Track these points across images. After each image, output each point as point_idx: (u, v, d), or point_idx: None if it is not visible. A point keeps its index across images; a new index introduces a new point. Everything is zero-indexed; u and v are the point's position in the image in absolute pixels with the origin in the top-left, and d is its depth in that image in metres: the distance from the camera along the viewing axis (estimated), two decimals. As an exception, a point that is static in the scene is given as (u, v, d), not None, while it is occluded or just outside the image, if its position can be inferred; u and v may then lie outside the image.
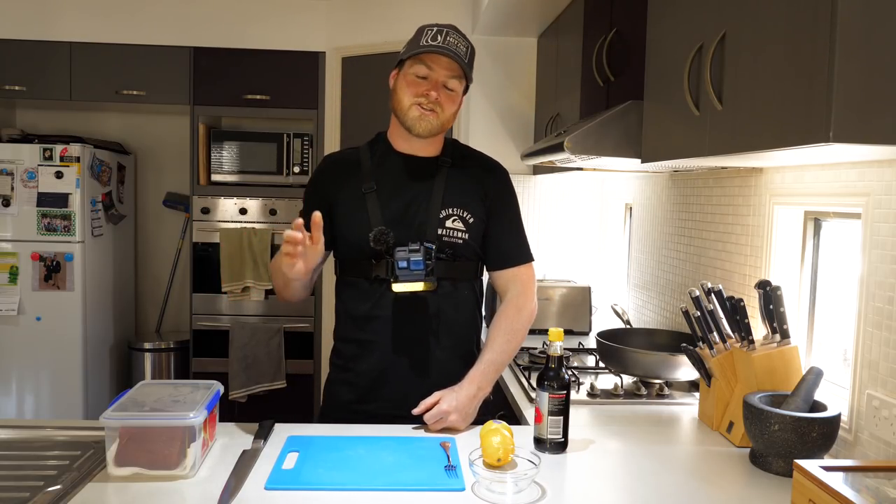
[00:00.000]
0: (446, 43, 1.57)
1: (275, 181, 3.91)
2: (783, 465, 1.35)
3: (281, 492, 1.22)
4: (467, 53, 1.62)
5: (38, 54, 3.73)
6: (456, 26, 1.63)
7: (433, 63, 1.59)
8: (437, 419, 1.52)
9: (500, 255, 1.70)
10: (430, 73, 1.59)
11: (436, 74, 1.59)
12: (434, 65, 1.59)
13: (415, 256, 1.55)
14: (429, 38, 1.58)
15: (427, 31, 1.60)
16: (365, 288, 1.63)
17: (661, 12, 1.73)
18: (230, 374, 3.72)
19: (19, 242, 3.57)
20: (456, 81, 1.61)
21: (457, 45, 1.59)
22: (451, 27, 1.62)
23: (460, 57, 1.58)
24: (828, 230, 1.74)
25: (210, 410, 1.35)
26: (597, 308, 3.01)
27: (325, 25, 3.82)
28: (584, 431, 1.62)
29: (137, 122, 4.26)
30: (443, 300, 1.63)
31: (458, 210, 1.64)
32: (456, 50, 1.58)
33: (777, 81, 1.18)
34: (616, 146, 1.87)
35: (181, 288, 4.23)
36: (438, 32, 1.59)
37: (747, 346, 1.57)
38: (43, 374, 3.62)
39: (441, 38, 1.58)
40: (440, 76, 1.59)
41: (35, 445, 1.43)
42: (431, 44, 1.57)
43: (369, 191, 1.63)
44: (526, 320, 1.69)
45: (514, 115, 3.42)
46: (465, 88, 1.66)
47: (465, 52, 1.60)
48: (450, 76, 1.60)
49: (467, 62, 1.61)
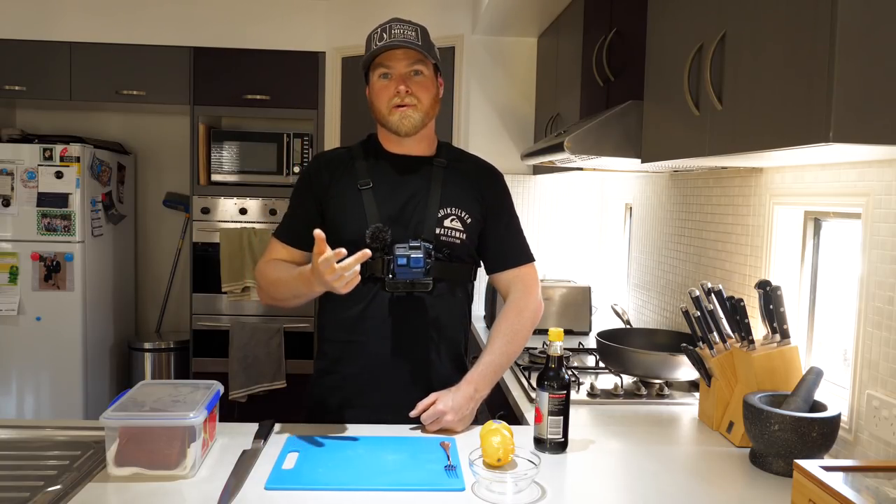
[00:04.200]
0: (392, 37, 1.57)
1: (275, 181, 3.91)
2: (783, 465, 1.35)
3: (281, 492, 1.22)
4: (418, 36, 1.59)
5: (38, 54, 3.73)
6: (399, 17, 1.63)
7: (389, 61, 1.59)
8: (433, 419, 1.51)
9: (501, 257, 1.70)
10: (390, 70, 1.59)
11: (396, 69, 1.59)
12: (390, 62, 1.59)
13: (415, 253, 1.54)
14: (376, 39, 1.59)
15: (373, 36, 1.60)
16: (357, 288, 1.59)
17: (661, 12, 1.73)
18: (230, 374, 3.72)
19: (19, 242, 3.57)
20: (420, 66, 1.60)
21: (404, 32, 1.58)
22: (394, 20, 1.61)
23: (412, 42, 1.57)
24: (828, 230, 1.74)
25: (210, 410, 1.35)
26: (597, 308, 3.01)
27: (325, 25, 3.82)
28: (584, 431, 1.62)
29: (137, 122, 4.27)
30: (437, 302, 1.61)
31: (456, 210, 1.63)
32: (405, 38, 1.57)
33: (777, 81, 1.18)
34: (616, 146, 1.87)
35: (181, 288, 4.23)
36: (384, 30, 1.59)
37: (747, 346, 1.57)
38: (43, 374, 3.62)
39: (387, 35, 1.57)
40: (401, 68, 1.59)
41: (35, 445, 1.43)
42: (380, 44, 1.57)
43: (365, 187, 1.61)
44: (528, 321, 1.67)
45: (514, 115, 3.42)
46: (437, 69, 1.65)
47: (415, 36, 1.59)
48: (410, 64, 1.59)
49: (421, 43, 1.59)
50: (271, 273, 1.61)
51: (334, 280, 1.36)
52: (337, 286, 1.37)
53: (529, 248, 1.73)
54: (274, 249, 1.67)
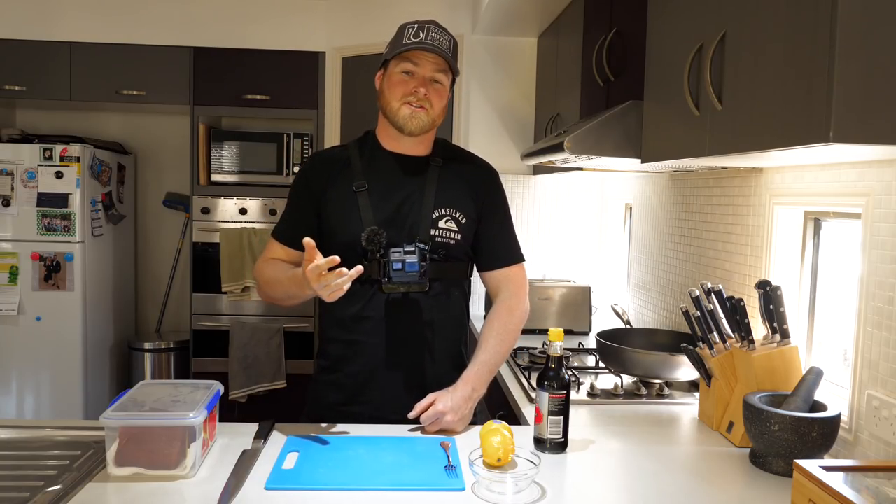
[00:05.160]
0: (429, 38, 1.57)
1: (275, 181, 3.91)
2: (783, 465, 1.35)
3: (281, 492, 1.22)
4: (451, 47, 1.61)
5: (38, 54, 3.73)
6: (437, 21, 1.63)
7: (418, 59, 1.58)
8: (432, 420, 1.51)
9: (492, 256, 1.70)
10: (416, 69, 1.58)
11: (422, 70, 1.59)
12: (419, 61, 1.58)
13: (410, 258, 1.55)
14: (411, 35, 1.58)
15: (409, 29, 1.59)
16: (355, 288, 1.58)
17: (661, 12, 1.73)
18: (230, 374, 3.72)
19: (19, 242, 3.57)
20: (442, 75, 1.60)
21: (440, 39, 1.58)
22: (432, 22, 1.61)
23: (444, 51, 1.58)
24: (828, 230, 1.74)
25: (210, 410, 1.35)
26: (597, 308, 3.01)
27: (325, 25, 3.82)
28: (584, 431, 1.62)
29: (137, 122, 4.27)
30: (434, 301, 1.62)
31: (450, 210, 1.63)
32: (439, 44, 1.57)
33: (777, 81, 1.18)
34: (616, 146, 1.87)
35: (181, 288, 4.23)
36: (420, 29, 1.58)
37: (747, 346, 1.57)
38: (43, 374, 3.62)
39: (423, 35, 1.57)
40: (426, 72, 1.59)
41: (35, 445, 1.43)
42: (414, 41, 1.56)
43: (360, 189, 1.61)
44: (518, 321, 1.68)
45: (514, 115, 3.42)
46: (452, 82, 1.66)
47: (448, 46, 1.60)
48: (436, 70, 1.59)
49: (451, 55, 1.60)
50: (268, 272, 1.63)
51: (320, 289, 1.40)
52: (322, 294, 1.41)
53: (520, 248, 1.74)
54: (272, 249, 1.68)
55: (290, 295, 1.56)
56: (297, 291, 1.50)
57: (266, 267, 1.65)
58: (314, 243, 1.39)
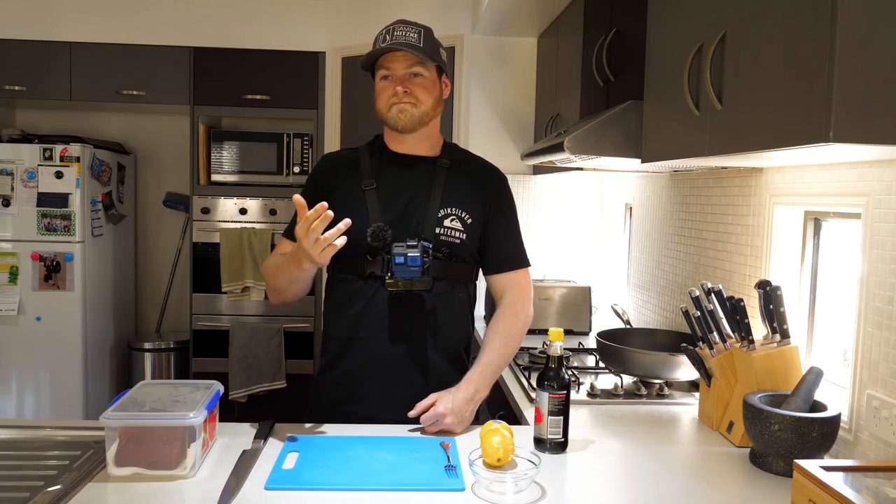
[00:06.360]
0: (394, 38, 1.58)
1: (275, 181, 3.92)
2: (783, 465, 1.35)
3: (281, 492, 1.22)
4: (420, 38, 1.61)
5: (38, 54, 3.73)
6: (405, 19, 1.64)
7: (390, 62, 1.61)
8: (432, 421, 1.51)
9: (498, 259, 1.71)
10: (390, 72, 1.61)
11: (395, 71, 1.61)
12: (391, 64, 1.61)
13: (412, 252, 1.55)
14: (379, 42, 1.61)
15: (378, 38, 1.62)
16: (359, 285, 1.62)
17: (661, 12, 1.73)
18: (230, 374, 3.72)
19: (19, 242, 3.57)
20: (420, 67, 1.61)
21: (405, 35, 1.59)
22: (399, 21, 1.63)
23: (412, 45, 1.58)
24: (828, 230, 1.74)
25: (210, 410, 1.35)
26: (597, 308, 3.01)
27: (325, 25, 3.82)
28: (584, 431, 1.62)
29: (137, 122, 4.27)
30: (437, 300, 1.62)
31: (456, 210, 1.64)
32: (405, 40, 1.58)
33: (777, 81, 1.18)
34: (616, 146, 1.87)
35: (181, 288, 4.23)
36: (387, 32, 1.61)
37: (747, 346, 1.57)
38: (43, 374, 3.62)
39: (389, 37, 1.59)
40: (399, 70, 1.60)
41: (35, 445, 1.43)
42: (381, 46, 1.59)
43: (368, 188, 1.63)
44: (522, 325, 1.69)
45: (514, 115, 3.42)
46: (442, 70, 1.66)
47: (417, 38, 1.60)
48: (409, 66, 1.60)
49: (423, 45, 1.60)
50: (271, 263, 1.65)
51: (310, 246, 1.37)
52: (313, 253, 1.38)
53: (526, 253, 1.75)
54: (281, 247, 1.70)
55: (290, 278, 1.54)
56: (295, 269, 1.49)
57: (270, 260, 1.67)
58: (304, 201, 1.37)
